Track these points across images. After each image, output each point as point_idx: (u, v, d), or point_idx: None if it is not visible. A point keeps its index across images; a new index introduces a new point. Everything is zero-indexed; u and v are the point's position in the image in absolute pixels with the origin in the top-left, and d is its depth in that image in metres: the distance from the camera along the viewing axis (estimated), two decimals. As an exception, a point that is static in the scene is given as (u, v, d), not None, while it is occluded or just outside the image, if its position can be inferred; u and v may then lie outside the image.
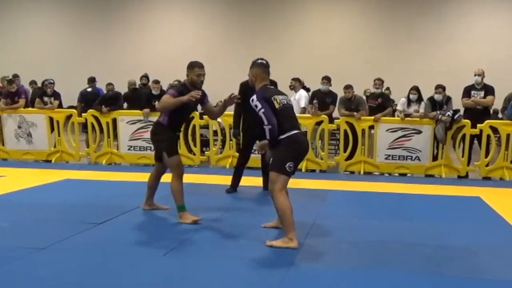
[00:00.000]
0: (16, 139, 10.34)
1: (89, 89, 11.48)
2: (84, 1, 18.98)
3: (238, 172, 7.35)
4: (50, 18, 19.27)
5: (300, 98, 9.89)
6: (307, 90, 10.81)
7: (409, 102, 9.26)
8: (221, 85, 16.30)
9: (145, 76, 11.82)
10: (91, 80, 11.79)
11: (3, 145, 10.49)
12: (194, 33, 18.35)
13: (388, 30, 17.17)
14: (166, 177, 5.63)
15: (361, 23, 17.49)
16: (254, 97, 4.66)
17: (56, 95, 10.45)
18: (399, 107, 9.42)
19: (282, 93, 4.90)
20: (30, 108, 10.55)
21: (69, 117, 10.17)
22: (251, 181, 7.74)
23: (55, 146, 10.28)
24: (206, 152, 10.04)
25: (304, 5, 17.75)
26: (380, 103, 9.43)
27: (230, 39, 18.11)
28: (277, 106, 4.65)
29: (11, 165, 9.74)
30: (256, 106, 4.61)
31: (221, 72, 17.47)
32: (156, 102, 9.84)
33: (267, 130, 4.55)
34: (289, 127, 4.65)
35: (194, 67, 5.42)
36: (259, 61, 4.95)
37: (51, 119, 10.19)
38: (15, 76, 11.56)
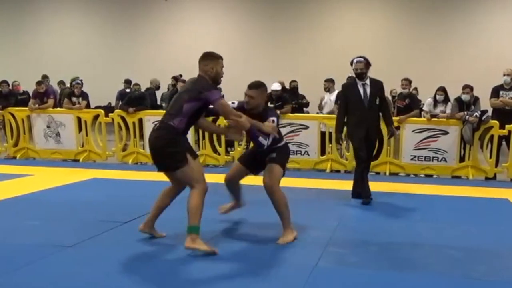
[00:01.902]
0: (45, 139, 10.52)
1: (127, 90, 11.69)
2: (111, 1, 19.20)
3: (360, 177, 6.75)
4: (79, 19, 19.54)
5: (336, 99, 9.88)
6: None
7: (436, 102, 9.15)
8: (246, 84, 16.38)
9: (175, 77, 11.93)
10: (128, 82, 12.03)
11: (32, 144, 10.68)
12: (220, 32, 18.41)
13: (414, 29, 17.00)
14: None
15: (387, 22, 17.35)
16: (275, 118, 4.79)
17: (84, 96, 10.61)
18: (425, 108, 9.32)
19: None
20: (58, 108, 10.73)
21: (96, 117, 10.31)
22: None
23: (82, 146, 10.44)
24: (231, 152, 10.08)
25: (330, 5, 17.69)
26: (408, 103, 9.35)
27: (257, 38, 18.14)
28: None
29: (40, 164, 9.91)
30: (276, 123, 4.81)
31: (247, 71, 17.53)
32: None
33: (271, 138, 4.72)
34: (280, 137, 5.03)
35: (219, 58, 4.53)
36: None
37: (79, 119, 10.35)
38: (44, 77, 11.77)
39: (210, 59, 4.50)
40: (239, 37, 18.36)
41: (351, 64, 6.74)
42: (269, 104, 9.61)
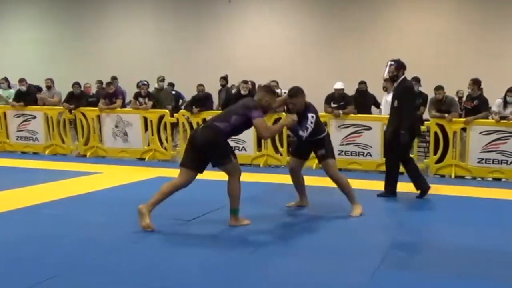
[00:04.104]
0: (113, 138, 10.89)
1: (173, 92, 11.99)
2: (176, 4, 19.60)
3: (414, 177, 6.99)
4: (146, 22, 20.07)
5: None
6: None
7: (505, 103, 8.83)
8: (308, 86, 16.32)
9: (224, 78, 12.06)
10: (172, 85, 12.34)
11: (101, 143, 11.08)
12: (282, 32, 18.42)
13: (482, 28, 16.43)
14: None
15: (453, 22, 16.84)
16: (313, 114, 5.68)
17: (149, 96, 10.92)
18: (494, 109, 9.01)
19: None
20: (126, 108, 11.08)
21: (162, 117, 10.56)
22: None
23: (148, 145, 10.74)
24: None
25: (395, 5, 17.38)
26: (476, 105, 9.07)
27: (319, 38, 18.04)
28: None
29: (108, 162, 10.27)
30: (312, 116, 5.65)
31: (308, 71, 17.49)
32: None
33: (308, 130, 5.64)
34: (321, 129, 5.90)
35: (275, 95, 5.53)
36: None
37: (145, 119, 10.66)
38: (114, 78, 12.18)
39: (270, 93, 5.34)
40: (301, 37, 18.32)
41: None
42: (331, 104, 9.58)
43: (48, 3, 20.82)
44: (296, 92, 5.73)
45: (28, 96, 11.52)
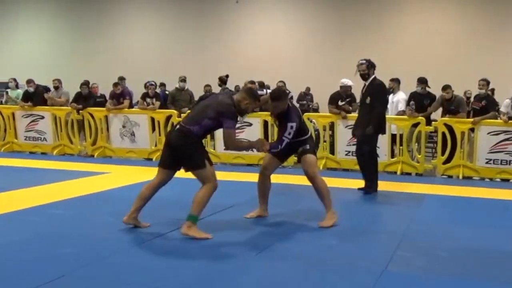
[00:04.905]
0: (121, 138, 10.93)
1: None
2: (183, 5, 19.64)
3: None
4: (152, 22, 20.13)
5: (398, 101, 9.66)
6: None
7: (514, 104, 8.80)
8: (312, 86, 16.32)
9: (220, 79, 12.10)
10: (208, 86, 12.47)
11: (109, 143, 11.11)
12: (288, 32, 18.45)
13: (488, 28, 16.36)
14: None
15: (459, 22, 16.79)
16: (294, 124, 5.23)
17: (157, 96, 10.94)
18: (502, 109, 8.98)
19: None
20: (133, 109, 11.11)
21: (169, 117, 10.58)
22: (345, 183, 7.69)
23: (156, 145, 10.76)
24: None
25: (399, 5, 17.35)
26: (484, 105, 9.04)
27: (324, 38, 18.05)
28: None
29: (116, 162, 10.30)
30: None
31: (313, 70, 17.48)
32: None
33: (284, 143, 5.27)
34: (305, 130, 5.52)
35: (257, 100, 5.13)
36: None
37: (152, 119, 10.68)
38: (121, 78, 12.21)
39: (251, 97, 4.99)
40: (306, 38, 18.32)
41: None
42: (339, 102, 9.55)
43: (55, 4, 20.92)
44: (278, 95, 5.29)
45: (36, 96, 11.58)
